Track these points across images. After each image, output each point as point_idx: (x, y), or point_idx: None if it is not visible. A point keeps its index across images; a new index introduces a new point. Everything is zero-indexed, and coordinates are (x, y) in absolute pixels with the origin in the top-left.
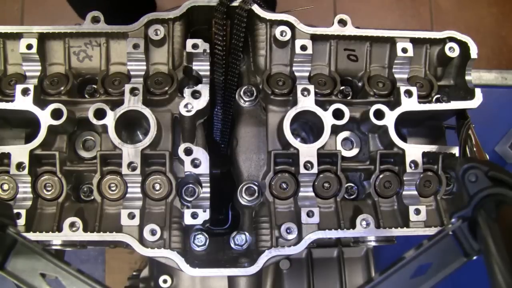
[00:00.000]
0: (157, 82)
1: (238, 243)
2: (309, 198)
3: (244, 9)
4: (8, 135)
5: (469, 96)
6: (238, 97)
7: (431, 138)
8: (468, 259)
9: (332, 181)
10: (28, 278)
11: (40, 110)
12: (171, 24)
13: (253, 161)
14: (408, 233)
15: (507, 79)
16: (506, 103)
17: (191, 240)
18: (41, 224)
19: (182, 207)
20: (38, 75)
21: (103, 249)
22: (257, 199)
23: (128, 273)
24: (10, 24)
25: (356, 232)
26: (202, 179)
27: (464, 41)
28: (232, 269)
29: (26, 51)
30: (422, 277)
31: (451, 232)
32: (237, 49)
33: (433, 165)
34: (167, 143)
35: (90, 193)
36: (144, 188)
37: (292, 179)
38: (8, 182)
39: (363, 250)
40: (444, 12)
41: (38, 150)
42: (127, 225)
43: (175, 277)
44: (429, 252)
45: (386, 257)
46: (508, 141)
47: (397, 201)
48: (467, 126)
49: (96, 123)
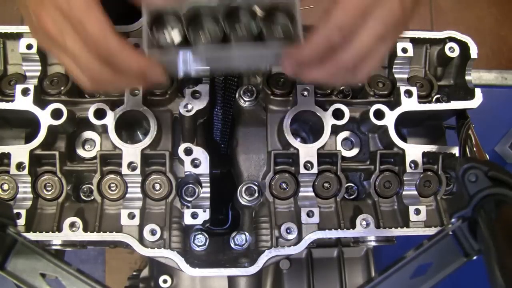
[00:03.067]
0: None
1: (238, 243)
2: (309, 198)
3: None
4: (8, 135)
5: (469, 96)
6: (238, 97)
7: (431, 138)
8: (468, 259)
9: (332, 181)
10: (28, 278)
11: (40, 110)
12: None
13: (253, 161)
14: (408, 233)
15: (507, 79)
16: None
17: (191, 240)
18: (41, 224)
19: (182, 207)
20: (38, 75)
21: (103, 249)
22: (257, 199)
23: (128, 273)
24: (10, 24)
25: (356, 232)
26: (202, 179)
27: (464, 41)
28: (232, 269)
29: (26, 51)
30: (422, 277)
31: (451, 232)
32: None
33: (433, 165)
34: (167, 143)
35: (90, 193)
36: (144, 188)
37: (292, 179)
38: (8, 182)
39: (363, 250)
40: (444, 12)
41: (38, 150)
42: (127, 225)
43: (175, 277)
44: (429, 252)
45: (386, 257)
46: (508, 141)
47: (397, 201)
48: (467, 126)
49: (96, 123)
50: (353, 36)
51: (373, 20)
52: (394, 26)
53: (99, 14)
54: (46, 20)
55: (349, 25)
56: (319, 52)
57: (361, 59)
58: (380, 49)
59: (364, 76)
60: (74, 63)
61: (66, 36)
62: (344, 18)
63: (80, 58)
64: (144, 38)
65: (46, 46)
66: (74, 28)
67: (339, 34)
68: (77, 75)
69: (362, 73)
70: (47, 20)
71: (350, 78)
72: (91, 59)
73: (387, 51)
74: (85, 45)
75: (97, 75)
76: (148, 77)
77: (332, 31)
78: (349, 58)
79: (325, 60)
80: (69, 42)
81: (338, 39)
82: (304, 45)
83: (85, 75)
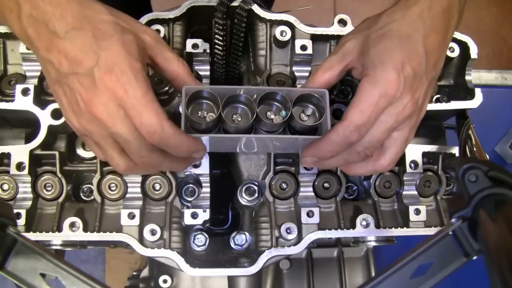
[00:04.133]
0: (157, 82)
1: (238, 243)
2: (309, 198)
3: (244, 9)
4: (8, 135)
5: (469, 96)
6: None
7: (431, 138)
8: (468, 259)
9: (332, 181)
10: (28, 278)
11: (40, 110)
12: (171, 24)
13: (253, 161)
14: (408, 233)
15: (507, 79)
16: (506, 103)
17: (191, 240)
18: (41, 224)
19: (182, 207)
20: (38, 75)
21: (103, 249)
22: (257, 199)
23: (128, 273)
24: None
25: (356, 232)
26: (202, 179)
27: (464, 41)
28: (232, 269)
29: (26, 51)
30: (422, 277)
31: (451, 232)
32: (237, 49)
33: (433, 165)
34: None
35: (90, 193)
36: (144, 188)
37: (292, 179)
38: (8, 182)
39: (363, 250)
40: None
41: (38, 150)
42: (127, 225)
43: (175, 277)
44: (429, 252)
45: (386, 257)
46: (508, 141)
47: (397, 201)
48: (467, 126)
49: None
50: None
51: (385, 116)
52: (406, 118)
53: (155, 104)
54: (97, 104)
55: (365, 124)
56: (338, 150)
57: (373, 149)
58: (396, 138)
59: (387, 164)
60: (115, 149)
61: (117, 122)
62: (361, 118)
63: (132, 144)
64: (182, 121)
65: (84, 128)
66: (128, 114)
67: (357, 133)
68: (115, 159)
69: (385, 160)
70: (98, 104)
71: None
72: (142, 145)
73: (406, 138)
74: (137, 132)
75: (147, 160)
76: (193, 159)
77: (350, 131)
78: (361, 149)
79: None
80: (120, 127)
81: (355, 138)
82: (324, 143)
83: (127, 160)
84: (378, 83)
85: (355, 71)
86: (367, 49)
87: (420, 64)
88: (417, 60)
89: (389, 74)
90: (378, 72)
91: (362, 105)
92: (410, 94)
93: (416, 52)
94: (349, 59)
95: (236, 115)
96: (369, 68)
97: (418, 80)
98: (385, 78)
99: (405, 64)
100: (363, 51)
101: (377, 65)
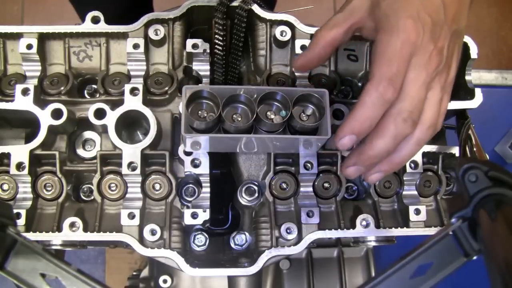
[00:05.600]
0: (157, 82)
1: (238, 243)
2: (309, 198)
3: (244, 9)
4: (8, 135)
5: (469, 96)
6: None
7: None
8: (468, 259)
9: (332, 181)
10: (28, 278)
11: (40, 110)
12: (171, 24)
13: (253, 161)
14: (408, 233)
15: (507, 79)
16: (506, 103)
17: (191, 240)
18: (41, 224)
19: (182, 207)
20: (38, 75)
21: (103, 249)
22: (257, 199)
23: (128, 273)
24: (10, 24)
25: (356, 232)
26: (202, 179)
27: (464, 41)
28: (232, 269)
29: (26, 51)
30: (422, 277)
31: (451, 232)
32: (237, 49)
33: (433, 165)
34: (167, 143)
35: (90, 193)
36: (144, 188)
37: (292, 179)
38: (8, 182)
39: (363, 250)
40: None
41: (38, 150)
42: (127, 225)
43: (175, 277)
44: (429, 252)
45: (386, 257)
46: (508, 141)
47: (397, 201)
48: (467, 126)
49: (96, 123)
50: None
51: (414, 71)
52: (436, 73)
53: None
54: None
55: (397, 75)
56: (375, 114)
57: (417, 111)
58: (429, 98)
59: (426, 128)
60: None
61: None
62: (389, 69)
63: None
64: (182, 121)
65: None
66: None
67: (391, 87)
68: None
69: (423, 125)
70: None
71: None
72: None
73: (440, 98)
74: None
75: None
76: None
77: (384, 86)
78: (406, 114)
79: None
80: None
81: (391, 93)
82: (360, 109)
83: None
84: (395, 31)
85: (366, 30)
86: (378, 3)
87: (437, 13)
88: (432, 8)
89: (405, 21)
90: (392, 21)
91: (386, 56)
92: (433, 42)
93: (431, 2)
94: (357, 16)
95: (236, 115)
96: (383, 21)
97: (438, 28)
98: (402, 25)
99: (420, 11)
100: (374, 5)
101: (390, 15)
